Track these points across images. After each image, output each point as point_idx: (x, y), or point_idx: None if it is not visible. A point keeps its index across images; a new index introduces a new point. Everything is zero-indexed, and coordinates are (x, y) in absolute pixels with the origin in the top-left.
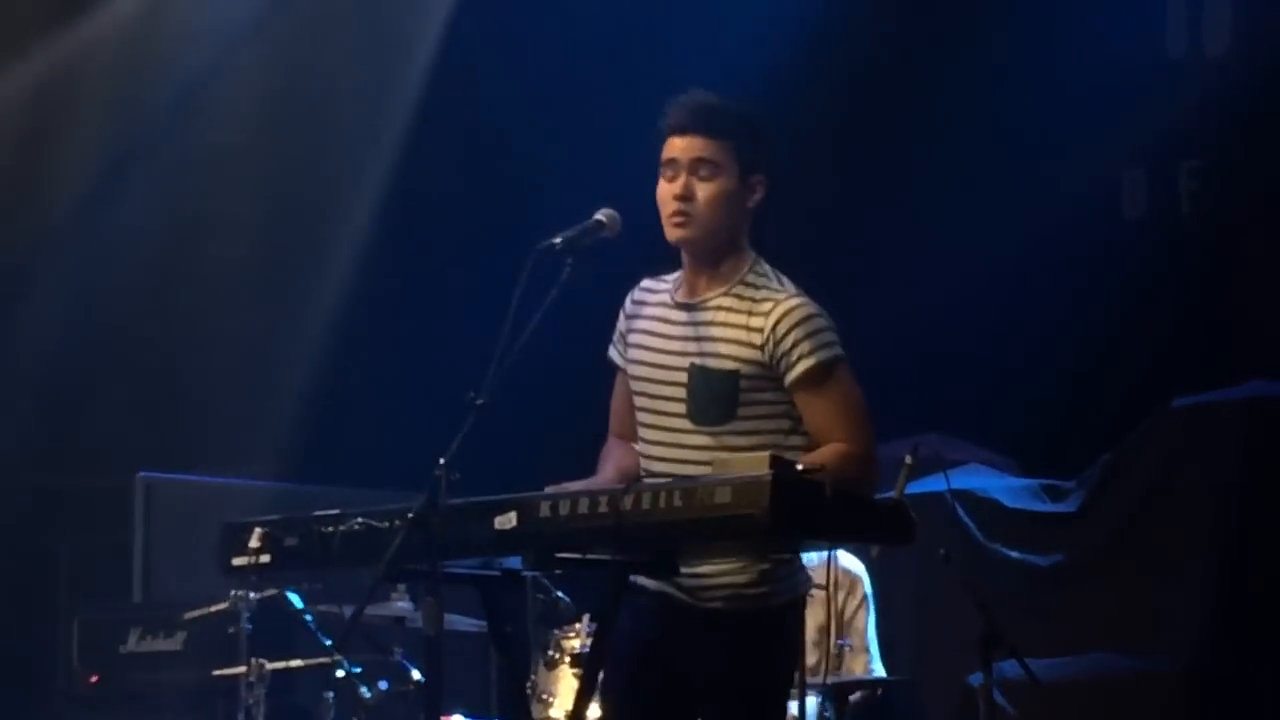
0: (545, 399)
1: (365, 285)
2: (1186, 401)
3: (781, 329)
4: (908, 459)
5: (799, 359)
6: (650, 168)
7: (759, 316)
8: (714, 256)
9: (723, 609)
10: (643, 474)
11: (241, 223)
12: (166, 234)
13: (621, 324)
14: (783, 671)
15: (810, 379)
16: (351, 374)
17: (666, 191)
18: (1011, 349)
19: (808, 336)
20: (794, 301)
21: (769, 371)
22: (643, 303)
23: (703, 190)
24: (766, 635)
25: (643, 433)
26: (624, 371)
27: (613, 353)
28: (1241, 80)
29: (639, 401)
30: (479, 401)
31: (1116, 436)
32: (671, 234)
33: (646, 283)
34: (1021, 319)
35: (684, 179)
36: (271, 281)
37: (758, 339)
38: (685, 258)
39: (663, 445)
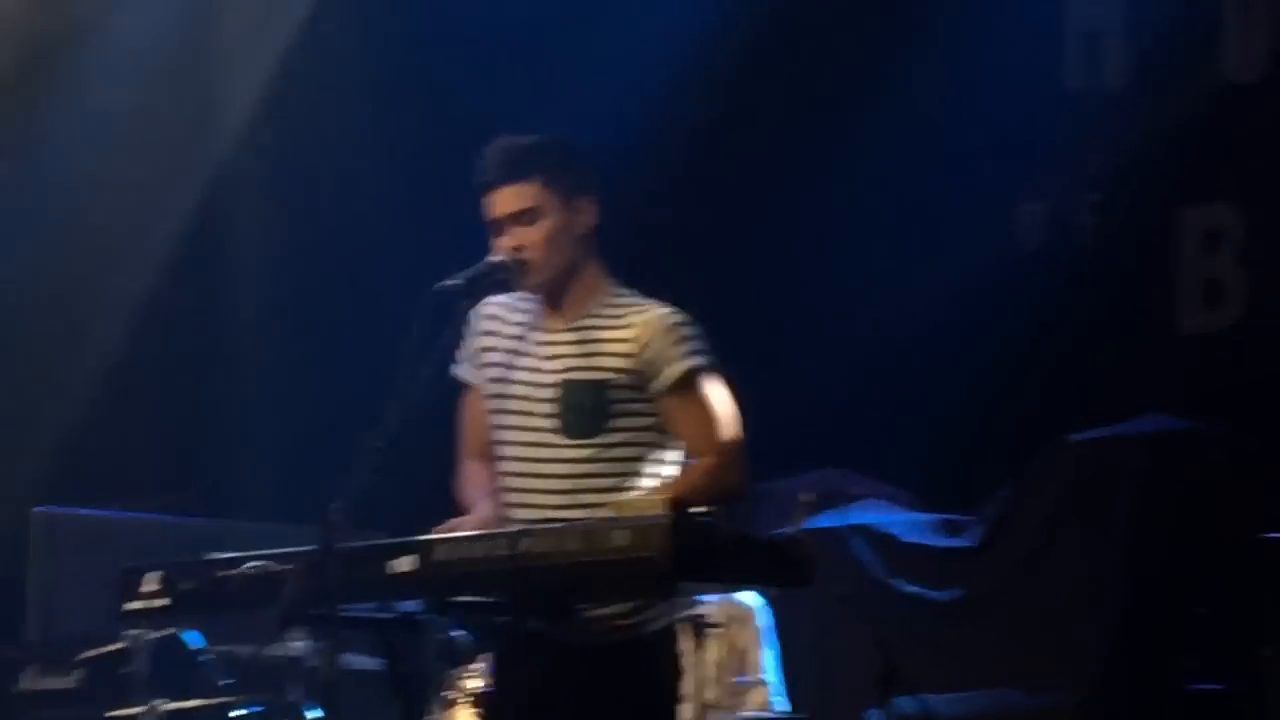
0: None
1: (265, 312)
2: (1084, 436)
3: (650, 336)
4: (804, 497)
5: (668, 365)
6: None
7: (628, 327)
8: (565, 285)
9: (597, 643)
10: (505, 494)
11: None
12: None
13: (472, 342)
14: (664, 697)
15: (680, 385)
16: (250, 403)
17: (500, 247)
18: (909, 382)
19: (677, 343)
20: (662, 310)
21: (638, 380)
22: (498, 318)
23: (531, 236)
24: (643, 664)
25: (506, 450)
26: (476, 389)
27: (462, 371)
28: (1140, 113)
29: (501, 420)
30: (378, 444)
31: (1014, 471)
32: (518, 285)
33: (498, 299)
34: (918, 352)
35: (511, 232)
36: (168, 309)
37: (627, 348)
38: (541, 295)
39: (530, 461)
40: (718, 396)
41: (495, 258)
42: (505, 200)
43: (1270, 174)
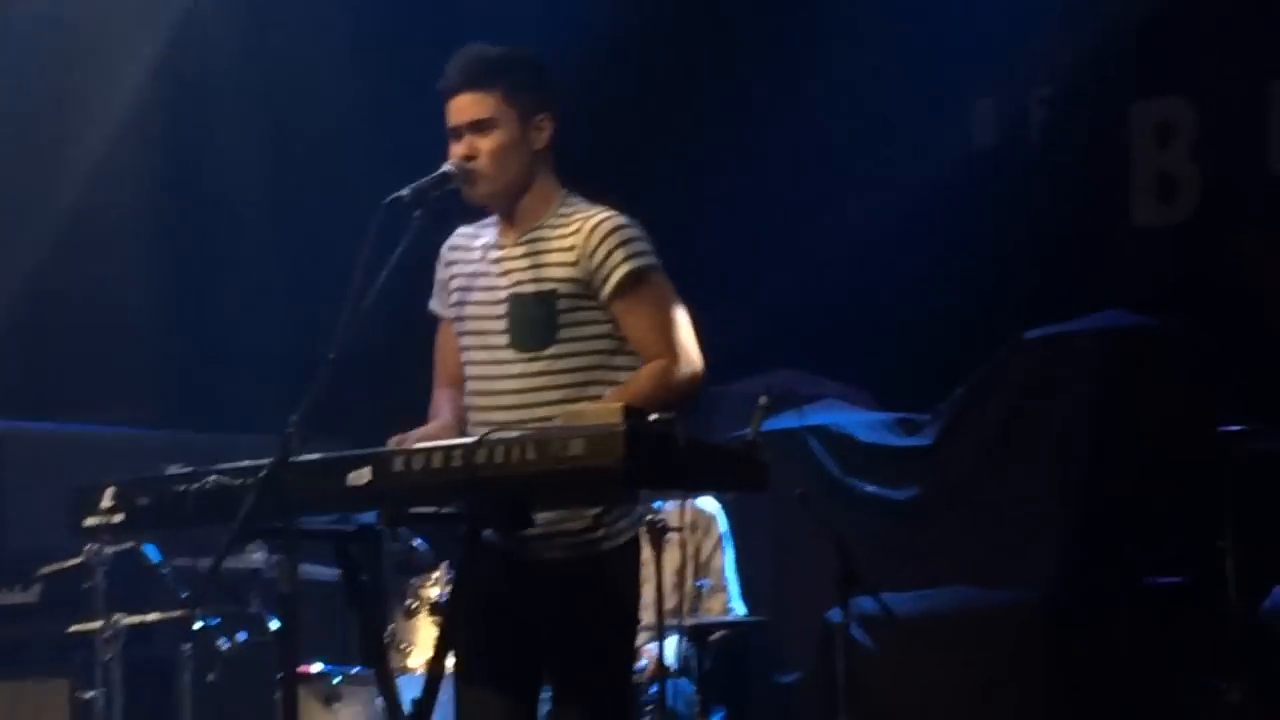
0: (392, 351)
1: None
2: (1039, 333)
3: (594, 241)
4: (762, 400)
5: (613, 268)
6: None
7: (571, 235)
8: (517, 201)
9: (558, 558)
10: (468, 412)
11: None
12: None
13: (441, 274)
14: (623, 613)
15: (626, 288)
16: (205, 317)
17: (453, 154)
18: (864, 281)
19: (620, 245)
20: (604, 214)
21: (586, 289)
22: (461, 247)
23: (484, 146)
24: (604, 579)
25: (469, 370)
26: (447, 322)
27: (434, 305)
28: (1092, 8)
29: (465, 342)
30: (330, 357)
31: (970, 368)
32: (466, 195)
33: (463, 230)
34: (874, 251)
35: (466, 140)
36: (127, 222)
37: (572, 256)
38: (494, 208)
39: (488, 379)
40: (663, 296)
41: (445, 168)
42: (463, 107)
43: (1222, 68)
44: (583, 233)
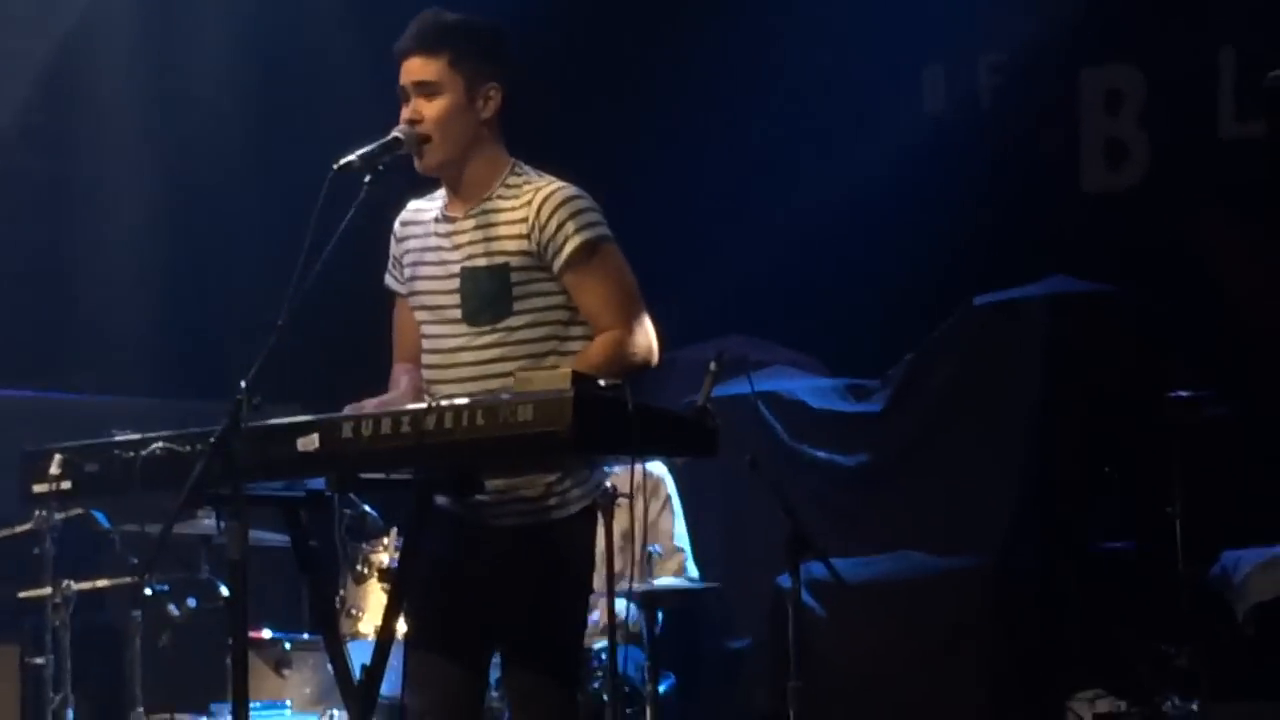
0: (345, 318)
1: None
2: (988, 299)
3: (545, 212)
4: (712, 365)
5: (565, 240)
6: None
7: (522, 207)
8: (463, 169)
9: (513, 525)
10: (424, 385)
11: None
12: None
13: (394, 249)
14: (576, 580)
15: (577, 259)
16: (155, 281)
17: (401, 118)
18: (813, 247)
19: (571, 217)
20: (555, 185)
21: (539, 261)
22: (411, 222)
23: (429, 110)
24: (556, 546)
25: (425, 344)
26: (402, 297)
27: (389, 280)
28: None
29: (421, 317)
30: (278, 323)
31: (920, 335)
32: (416, 164)
33: (413, 204)
34: (824, 217)
35: (412, 103)
36: (75, 192)
37: (523, 228)
38: (442, 178)
39: (443, 353)
40: (615, 268)
41: (394, 133)
42: (412, 69)
43: (1172, 35)
44: (534, 204)
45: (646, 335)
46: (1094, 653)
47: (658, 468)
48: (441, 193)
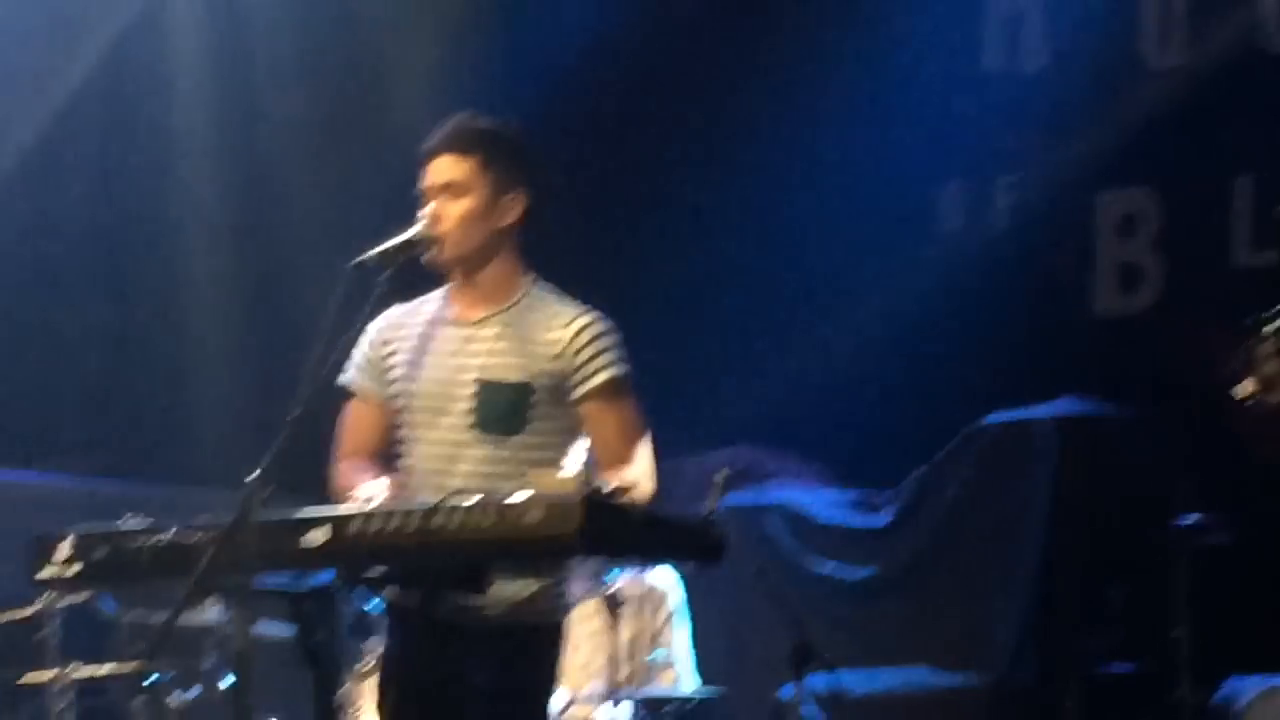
0: None
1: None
2: (999, 418)
3: (581, 341)
4: (718, 476)
5: (596, 371)
6: None
7: (557, 330)
8: (478, 274)
9: (497, 625)
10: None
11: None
12: None
13: (370, 353)
14: (550, 680)
15: (603, 392)
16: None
17: (420, 217)
18: (825, 360)
19: (605, 350)
20: (591, 317)
21: (561, 383)
22: (400, 325)
23: (452, 211)
24: (541, 648)
25: (418, 449)
26: (363, 400)
27: (353, 380)
28: (1057, 95)
29: (409, 419)
30: (290, 417)
31: (930, 451)
32: (428, 259)
33: (397, 309)
34: (837, 330)
35: (434, 202)
36: (87, 269)
37: (554, 350)
38: (455, 277)
39: (444, 459)
40: (633, 406)
41: (410, 232)
42: (438, 169)
43: (1187, 160)
44: (570, 330)
45: (650, 475)
46: None
47: (664, 580)
48: (437, 295)
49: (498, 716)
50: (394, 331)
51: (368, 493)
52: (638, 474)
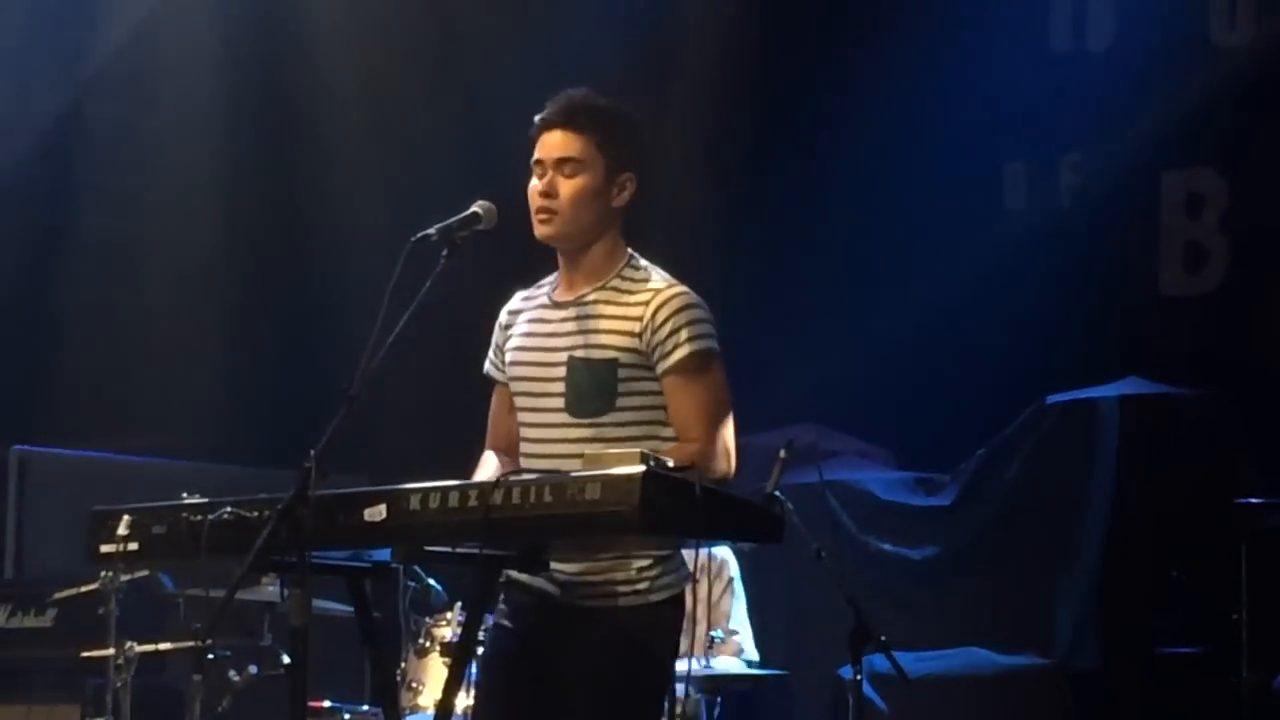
0: (417, 391)
1: (250, 259)
2: (1061, 398)
3: (661, 316)
4: (782, 453)
5: (675, 346)
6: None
7: (638, 306)
8: (583, 252)
9: (599, 606)
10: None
11: (129, 194)
12: (54, 201)
13: (498, 337)
14: (660, 668)
15: (684, 366)
16: (240, 350)
17: (533, 189)
18: (888, 339)
19: (687, 324)
20: (674, 290)
21: (646, 360)
22: (518, 311)
23: (566, 187)
24: (643, 633)
25: (524, 433)
26: (502, 386)
27: (488, 368)
28: (1123, 74)
29: (520, 403)
30: (350, 394)
31: (992, 430)
32: (537, 231)
33: (520, 294)
34: (900, 310)
35: (549, 176)
36: (162, 253)
37: (636, 326)
38: (559, 256)
39: (543, 442)
40: (716, 383)
41: (473, 208)
42: (555, 143)
43: (1253, 139)
44: (652, 304)
45: (729, 455)
46: None
47: (722, 550)
48: (550, 279)
49: (613, 696)
50: (513, 318)
51: None
52: (709, 452)
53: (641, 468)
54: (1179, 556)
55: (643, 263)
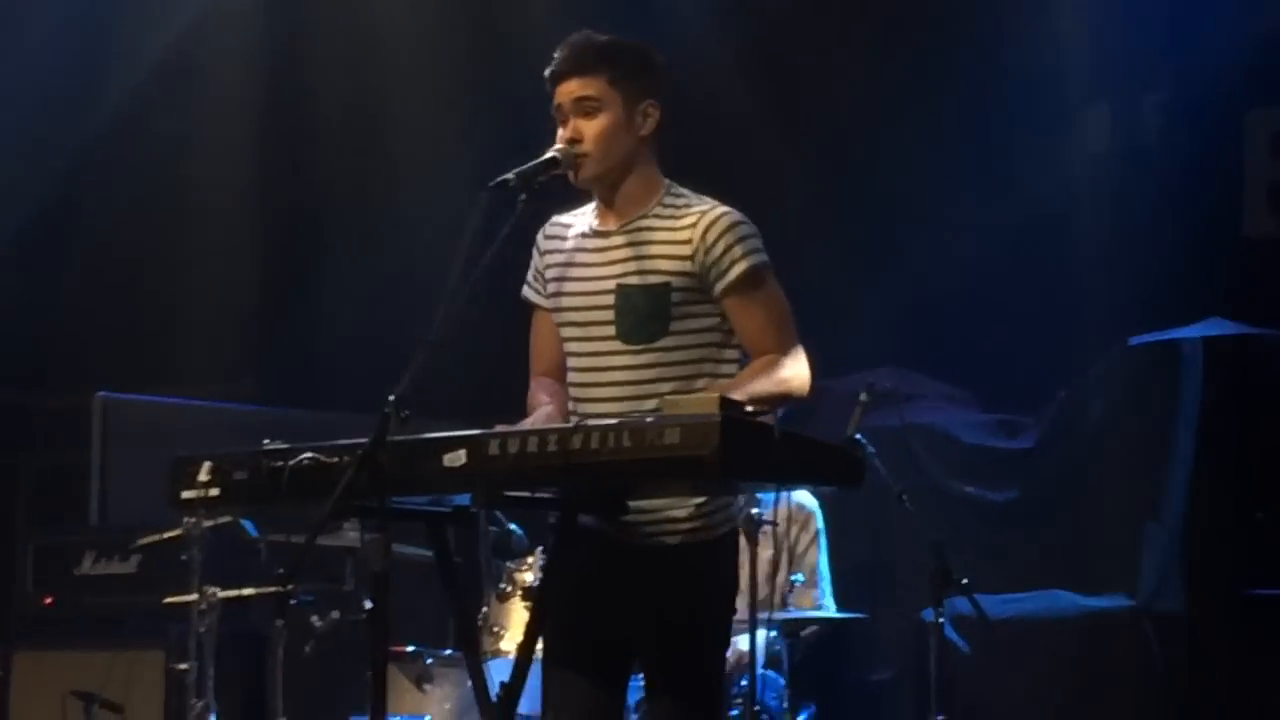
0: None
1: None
2: (1145, 339)
3: (711, 236)
4: (863, 396)
5: (730, 265)
6: None
7: (686, 229)
8: (620, 185)
9: (658, 544)
10: (570, 403)
11: (211, 139)
12: (132, 147)
13: (537, 261)
14: (721, 603)
15: (742, 284)
16: (322, 294)
17: (561, 139)
18: (970, 281)
19: (738, 242)
20: (721, 210)
21: (700, 283)
22: (557, 237)
23: (590, 128)
24: (702, 569)
25: (571, 361)
26: (543, 309)
27: (528, 292)
28: (1206, 13)
29: (566, 332)
30: (430, 339)
31: (1074, 373)
32: (573, 178)
33: (557, 218)
34: (980, 251)
35: (571, 122)
36: (243, 198)
37: (687, 250)
38: (595, 192)
39: (593, 370)
40: (776, 296)
41: (551, 152)
42: (571, 89)
43: None
44: (700, 226)
45: (803, 365)
46: (1241, 699)
47: (808, 500)
48: (589, 207)
49: (668, 634)
50: (550, 242)
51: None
52: (786, 362)
53: (720, 413)
54: (1263, 498)
55: (682, 189)
